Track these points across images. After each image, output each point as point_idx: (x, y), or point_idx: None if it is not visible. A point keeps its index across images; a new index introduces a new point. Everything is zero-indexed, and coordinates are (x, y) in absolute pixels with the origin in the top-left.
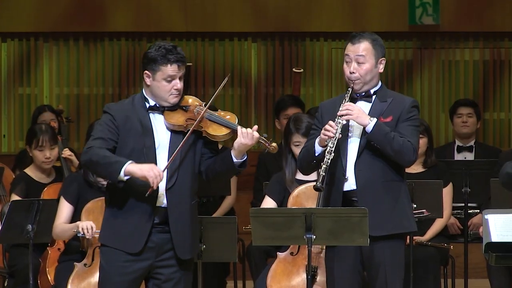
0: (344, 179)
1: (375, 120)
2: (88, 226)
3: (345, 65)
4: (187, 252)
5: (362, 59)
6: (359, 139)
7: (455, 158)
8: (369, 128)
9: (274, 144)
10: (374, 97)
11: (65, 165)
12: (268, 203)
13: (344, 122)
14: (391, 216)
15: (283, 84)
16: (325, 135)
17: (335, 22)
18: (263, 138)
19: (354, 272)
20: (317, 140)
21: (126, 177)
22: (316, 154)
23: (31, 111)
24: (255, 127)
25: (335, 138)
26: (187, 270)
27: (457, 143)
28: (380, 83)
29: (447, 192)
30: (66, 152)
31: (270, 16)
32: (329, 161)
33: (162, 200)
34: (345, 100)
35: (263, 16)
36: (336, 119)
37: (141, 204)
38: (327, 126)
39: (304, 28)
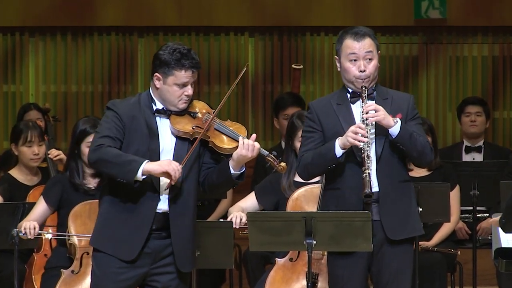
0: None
1: (399, 121)
2: (31, 226)
3: (349, 64)
4: (188, 265)
5: (370, 55)
6: (373, 140)
7: (463, 159)
8: (396, 130)
9: (283, 164)
10: (374, 94)
11: (51, 166)
12: (249, 199)
13: (373, 123)
14: (409, 218)
15: (281, 81)
16: (357, 139)
17: (336, 16)
18: (272, 156)
19: (363, 280)
20: (338, 143)
21: (143, 177)
22: (338, 157)
23: (16, 109)
24: (254, 136)
25: (368, 141)
26: (184, 278)
27: (465, 143)
28: None
29: (454, 195)
30: (53, 153)
31: (268, 9)
32: (370, 165)
33: (162, 206)
34: (365, 101)
35: (261, 9)
36: (363, 120)
37: (139, 209)
38: (357, 129)
39: (304, 22)
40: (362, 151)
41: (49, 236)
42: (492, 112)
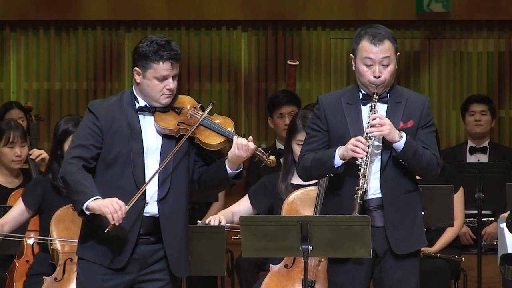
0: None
1: (405, 136)
2: None
3: (364, 68)
4: (184, 269)
5: (387, 61)
6: (380, 149)
7: (467, 160)
8: (400, 145)
9: (272, 158)
10: (388, 96)
11: (33, 167)
12: (242, 203)
13: (376, 138)
14: (414, 230)
15: (276, 78)
16: (356, 151)
17: (334, 10)
18: (260, 150)
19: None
20: (338, 152)
21: (87, 212)
22: (336, 167)
23: None
24: (250, 138)
25: (367, 158)
26: (174, 286)
27: (470, 143)
28: None
29: (458, 198)
30: (35, 153)
31: (262, 2)
32: (365, 185)
33: (150, 210)
34: (373, 110)
35: (254, 2)
36: (365, 135)
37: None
38: (357, 143)
39: (300, 16)
40: (359, 167)
41: (31, 241)
42: (498, 110)
